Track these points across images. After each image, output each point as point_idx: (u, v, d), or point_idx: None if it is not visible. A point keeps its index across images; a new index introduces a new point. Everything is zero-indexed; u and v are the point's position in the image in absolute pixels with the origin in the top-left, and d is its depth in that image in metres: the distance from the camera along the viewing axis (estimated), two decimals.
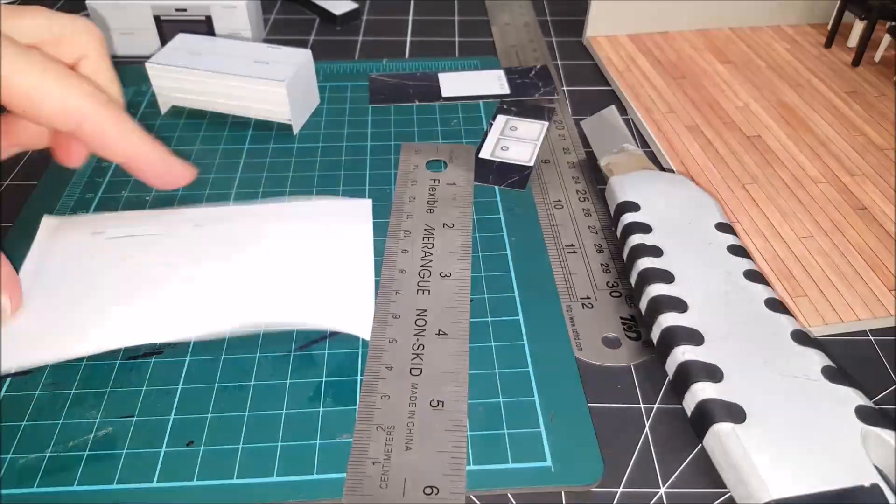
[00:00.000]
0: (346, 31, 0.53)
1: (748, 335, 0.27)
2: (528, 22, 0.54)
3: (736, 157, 0.39)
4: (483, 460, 0.25)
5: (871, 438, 0.23)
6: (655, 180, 0.34)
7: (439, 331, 0.29)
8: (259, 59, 0.41)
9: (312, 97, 0.43)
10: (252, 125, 0.42)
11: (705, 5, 0.51)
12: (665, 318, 0.27)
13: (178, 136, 0.41)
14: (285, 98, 0.39)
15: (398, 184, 0.37)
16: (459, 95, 0.44)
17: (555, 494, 0.24)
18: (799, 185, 0.37)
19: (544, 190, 0.37)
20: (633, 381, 0.28)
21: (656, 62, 0.48)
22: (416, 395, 0.26)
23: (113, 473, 0.24)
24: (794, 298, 0.31)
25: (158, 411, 0.26)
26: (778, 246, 0.33)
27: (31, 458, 0.25)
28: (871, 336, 0.30)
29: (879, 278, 0.32)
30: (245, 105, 0.41)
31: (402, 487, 0.23)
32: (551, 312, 0.30)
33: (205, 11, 0.47)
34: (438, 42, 0.52)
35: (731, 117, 0.42)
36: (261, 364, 0.28)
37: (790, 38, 0.51)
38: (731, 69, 0.47)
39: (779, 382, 0.25)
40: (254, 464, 0.25)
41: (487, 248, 0.33)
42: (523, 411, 0.26)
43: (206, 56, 0.41)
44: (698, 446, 0.25)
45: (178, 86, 0.41)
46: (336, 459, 0.25)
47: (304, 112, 0.42)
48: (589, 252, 0.33)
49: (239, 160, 0.39)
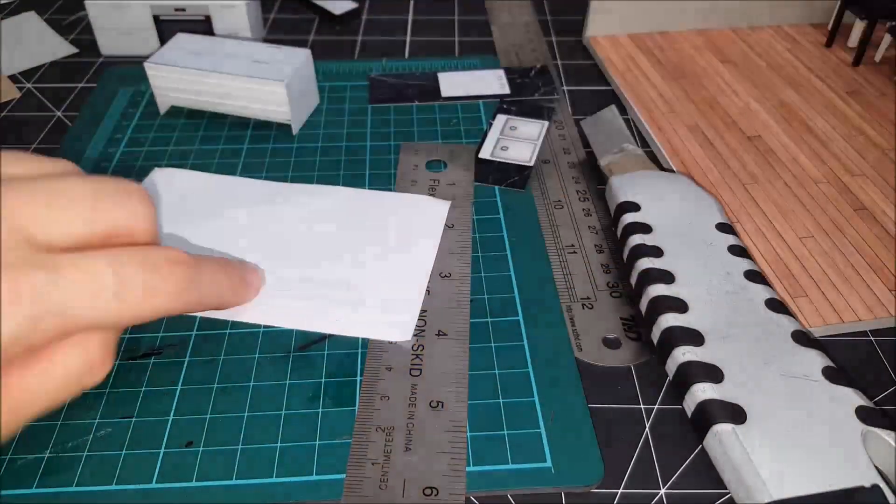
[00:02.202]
0: (345, 30, 0.53)
1: (748, 336, 0.27)
2: (528, 22, 0.54)
3: (736, 157, 0.39)
4: (483, 461, 0.25)
5: (872, 439, 0.23)
6: (655, 180, 0.34)
7: (439, 331, 0.29)
8: (258, 58, 0.41)
9: (312, 97, 0.43)
10: (251, 125, 0.42)
11: (705, 5, 0.51)
12: (665, 319, 0.27)
13: (176, 137, 0.41)
14: (285, 98, 0.39)
15: (398, 184, 0.37)
16: (459, 95, 0.44)
17: (555, 495, 0.24)
18: (799, 185, 0.37)
19: (544, 190, 0.37)
20: (633, 381, 0.28)
21: (656, 62, 0.48)
22: (416, 395, 0.26)
23: (112, 474, 0.24)
24: (794, 299, 0.31)
25: (158, 412, 0.26)
26: (778, 246, 0.33)
27: (30, 459, 0.25)
28: (871, 336, 0.30)
29: (879, 278, 0.32)
30: (244, 105, 0.41)
31: (402, 488, 0.23)
32: (551, 313, 0.30)
33: (204, 11, 0.47)
34: (438, 42, 0.52)
35: (731, 117, 0.42)
36: (260, 364, 0.28)
37: (790, 38, 0.51)
38: (731, 69, 0.47)
39: (779, 383, 0.25)
40: (253, 465, 0.25)
41: (487, 248, 0.33)
42: (523, 412, 0.26)
43: (206, 56, 0.41)
44: (698, 447, 0.25)
45: (177, 86, 0.41)
46: (335, 460, 0.25)
47: (304, 112, 0.42)
48: (589, 252, 0.33)
49: (238, 160, 0.39)
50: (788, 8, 0.52)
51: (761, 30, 0.52)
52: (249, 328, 0.29)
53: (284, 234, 0.33)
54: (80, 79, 0.46)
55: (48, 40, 0.50)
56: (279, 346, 0.29)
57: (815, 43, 0.50)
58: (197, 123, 0.42)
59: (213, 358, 0.28)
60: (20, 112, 0.43)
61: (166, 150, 0.39)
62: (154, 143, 0.40)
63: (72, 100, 0.44)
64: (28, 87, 0.45)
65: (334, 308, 0.29)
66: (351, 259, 0.32)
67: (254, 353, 0.28)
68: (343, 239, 0.33)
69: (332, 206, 0.35)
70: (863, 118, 0.42)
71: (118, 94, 0.44)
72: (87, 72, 0.47)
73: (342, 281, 0.30)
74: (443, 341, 0.28)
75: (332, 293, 0.30)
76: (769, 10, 0.52)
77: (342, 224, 0.34)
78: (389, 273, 0.31)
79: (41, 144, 0.40)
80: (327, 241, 0.32)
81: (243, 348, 0.29)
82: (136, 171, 0.38)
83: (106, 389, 0.27)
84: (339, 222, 0.34)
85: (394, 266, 0.31)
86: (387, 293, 0.30)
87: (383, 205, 0.35)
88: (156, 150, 0.39)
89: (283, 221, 0.34)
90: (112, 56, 0.49)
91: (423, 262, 0.32)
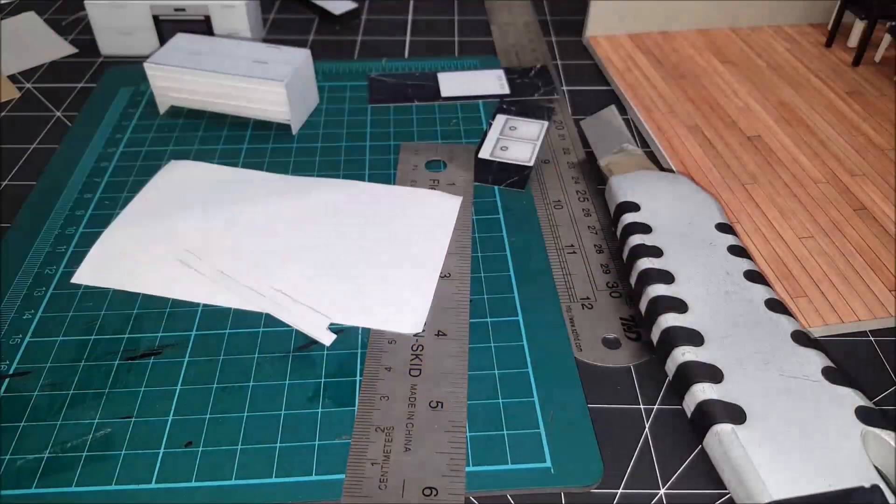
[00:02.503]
0: (345, 30, 0.53)
1: (748, 336, 0.27)
2: (528, 22, 0.54)
3: (736, 157, 0.39)
4: (482, 461, 0.25)
5: (872, 439, 0.23)
6: (655, 180, 0.34)
7: (438, 331, 0.29)
8: (258, 58, 0.41)
9: (311, 97, 0.43)
10: (251, 125, 0.42)
11: (705, 5, 0.51)
12: (665, 319, 0.27)
13: (176, 136, 0.41)
14: (284, 98, 0.39)
15: (397, 184, 0.37)
16: (459, 95, 0.44)
17: (554, 495, 0.24)
18: (799, 185, 0.37)
19: (544, 190, 0.37)
20: (632, 381, 0.28)
21: (656, 62, 0.48)
22: (416, 395, 0.26)
23: (111, 474, 0.24)
24: (794, 299, 0.31)
25: (157, 412, 0.26)
26: (778, 246, 0.33)
27: (30, 459, 0.25)
28: (871, 336, 0.30)
29: (879, 278, 0.32)
30: (244, 105, 0.41)
31: (402, 488, 0.23)
32: (551, 313, 0.30)
33: (203, 11, 0.47)
34: (438, 42, 0.52)
35: (731, 117, 0.42)
36: (260, 365, 0.28)
37: (790, 38, 0.51)
38: (731, 69, 0.47)
39: (779, 383, 0.25)
40: (252, 465, 0.25)
41: (487, 248, 0.33)
42: (523, 412, 0.26)
43: (205, 56, 0.41)
44: (698, 447, 0.25)
45: (177, 86, 0.41)
46: (335, 460, 0.25)
47: (303, 112, 0.42)
48: (589, 252, 0.33)
49: (238, 160, 0.39)
50: (788, 8, 0.52)
51: (761, 30, 0.52)
52: (249, 328, 0.29)
53: (299, 228, 0.34)
54: (80, 79, 0.46)
55: (48, 40, 0.50)
56: (279, 346, 0.29)
57: (815, 43, 0.50)
58: (196, 123, 0.42)
59: (212, 358, 0.28)
60: (20, 112, 0.43)
61: (166, 150, 0.39)
62: (154, 143, 0.40)
63: (72, 100, 0.44)
64: (28, 87, 0.45)
65: (348, 300, 0.30)
66: (365, 252, 0.32)
67: (253, 353, 0.28)
68: (357, 233, 0.33)
69: (347, 200, 0.35)
70: (863, 118, 0.42)
71: (118, 94, 0.44)
72: (87, 72, 0.47)
73: (356, 274, 0.31)
74: (442, 341, 0.28)
75: (345, 286, 0.31)
76: (769, 10, 0.52)
77: (356, 218, 0.34)
78: (402, 266, 0.32)
79: (41, 144, 0.40)
80: (342, 235, 0.33)
81: (243, 348, 0.29)
82: (136, 171, 0.38)
83: (105, 389, 0.27)
84: (354, 216, 0.34)
85: (406, 260, 0.32)
86: (399, 286, 0.31)
87: (396, 199, 0.35)
88: (156, 150, 0.39)
89: (298, 214, 0.34)
90: (112, 56, 0.49)
91: (435, 256, 0.32)
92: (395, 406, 0.26)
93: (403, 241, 0.33)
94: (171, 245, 0.32)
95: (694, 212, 0.32)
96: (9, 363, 0.28)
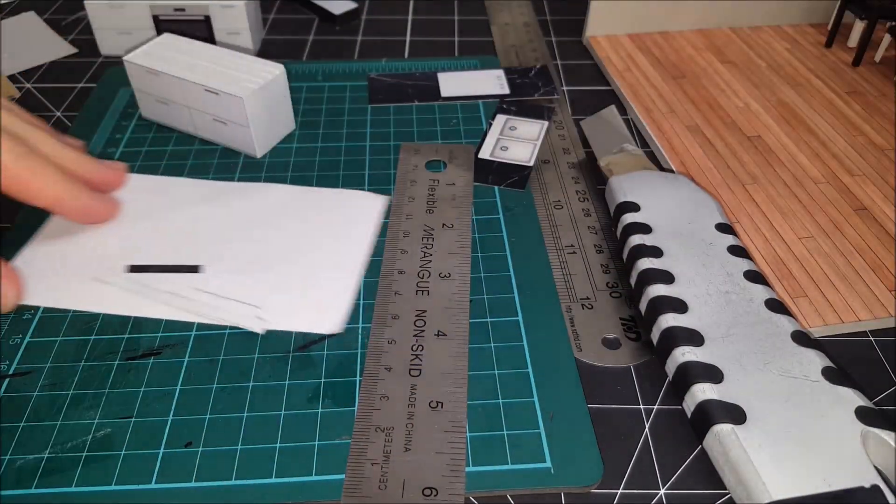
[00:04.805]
0: (345, 30, 0.53)
1: (748, 336, 0.27)
2: (528, 22, 0.54)
3: (736, 157, 0.39)
4: (482, 461, 0.25)
5: (871, 439, 0.23)
6: (655, 180, 0.34)
7: (438, 331, 0.29)
8: (230, 68, 0.38)
9: (284, 119, 0.39)
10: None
11: (705, 5, 0.51)
12: (665, 319, 0.27)
13: (176, 136, 0.40)
14: (245, 114, 0.36)
15: (397, 184, 0.37)
16: (459, 95, 0.44)
17: (554, 496, 0.24)
18: (799, 185, 0.37)
19: (544, 190, 0.37)
20: (632, 381, 0.28)
21: (656, 62, 0.48)
22: (416, 396, 0.26)
23: (111, 474, 0.24)
24: (794, 299, 0.31)
25: (157, 412, 0.26)
26: (778, 246, 0.33)
27: (30, 459, 0.25)
28: (871, 336, 0.30)
29: (879, 278, 0.32)
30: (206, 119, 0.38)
31: (402, 489, 0.23)
32: (551, 313, 0.30)
33: (203, 11, 0.47)
34: (438, 42, 0.52)
35: (731, 117, 0.42)
36: (259, 365, 0.28)
37: (790, 38, 0.51)
38: (731, 69, 0.47)
39: (779, 383, 0.25)
40: (252, 465, 0.25)
41: (487, 248, 0.33)
42: (523, 412, 0.26)
43: (178, 59, 0.38)
44: (698, 447, 0.25)
45: (146, 88, 0.39)
46: (335, 461, 0.25)
47: (272, 135, 0.39)
48: (589, 252, 0.33)
49: (238, 160, 0.39)
50: (788, 8, 0.52)
51: (761, 30, 0.52)
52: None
53: (222, 233, 0.33)
54: (80, 79, 0.46)
55: (48, 40, 0.50)
56: (278, 346, 0.29)
57: (815, 43, 0.50)
58: None
59: (212, 358, 0.28)
60: None
61: (165, 150, 0.39)
62: (153, 143, 0.40)
63: (71, 100, 0.44)
64: (28, 87, 0.45)
65: (268, 302, 0.30)
66: (283, 255, 0.32)
67: (253, 354, 0.28)
68: (277, 236, 0.33)
69: (271, 203, 0.35)
70: (863, 118, 0.42)
71: (118, 94, 0.44)
72: (87, 72, 0.47)
73: (275, 275, 0.31)
74: (442, 341, 0.28)
75: (265, 287, 0.31)
76: (769, 10, 0.52)
77: (277, 221, 0.34)
78: (320, 267, 0.32)
79: None
80: (262, 239, 0.33)
81: (242, 348, 0.29)
82: (136, 171, 0.38)
83: (105, 390, 0.27)
84: (275, 220, 0.34)
85: (324, 259, 0.32)
86: (317, 286, 0.31)
87: (319, 201, 0.36)
88: (155, 150, 0.39)
89: (220, 221, 0.34)
90: (111, 56, 0.49)
91: (356, 255, 0.32)
92: (395, 406, 0.26)
93: (322, 242, 0.33)
94: (90, 259, 0.32)
95: (694, 212, 0.32)
96: (9, 363, 0.28)
